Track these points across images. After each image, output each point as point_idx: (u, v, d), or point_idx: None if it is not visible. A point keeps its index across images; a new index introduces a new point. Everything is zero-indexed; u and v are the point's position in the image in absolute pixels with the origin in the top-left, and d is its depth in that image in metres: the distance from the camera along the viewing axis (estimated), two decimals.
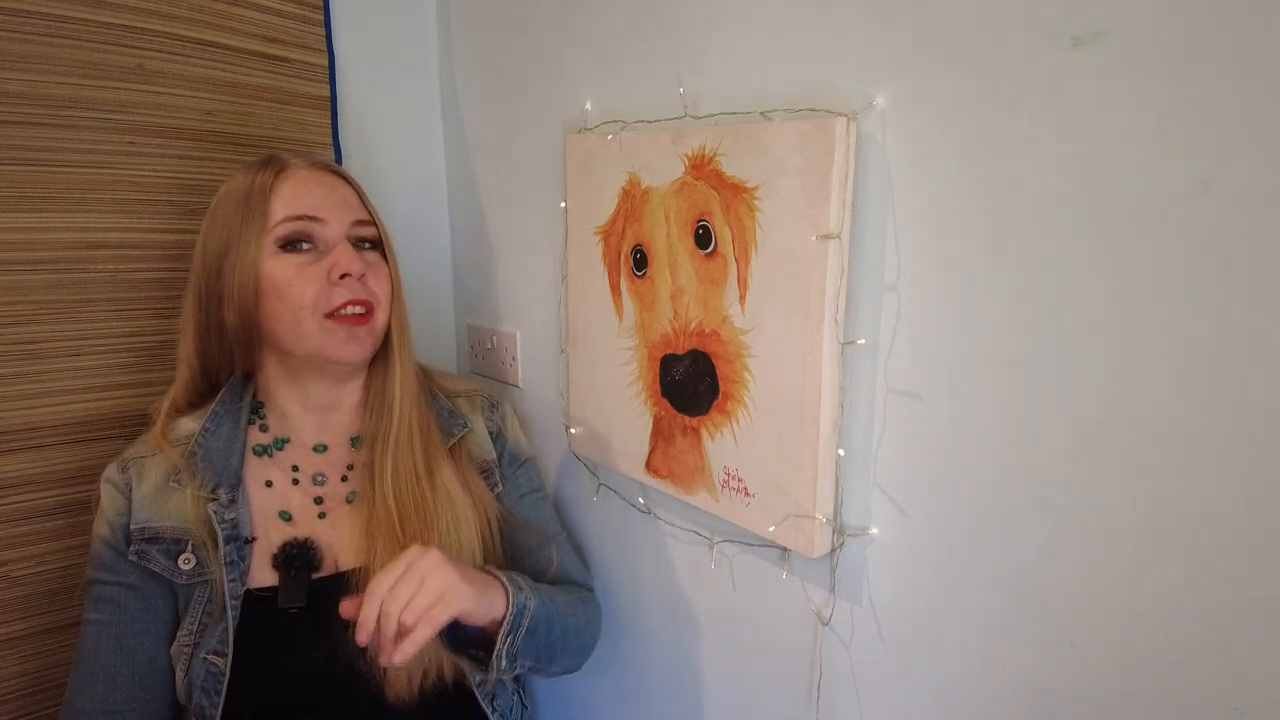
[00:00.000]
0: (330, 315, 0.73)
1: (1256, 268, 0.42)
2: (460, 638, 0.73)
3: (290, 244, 0.73)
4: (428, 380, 0.87)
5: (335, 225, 0.75)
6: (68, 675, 0.74)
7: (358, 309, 0.74)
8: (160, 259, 0.86)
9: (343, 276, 0.73)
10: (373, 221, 0.79)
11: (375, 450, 0.78)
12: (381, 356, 0.81)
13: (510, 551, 0.86)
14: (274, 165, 0.75)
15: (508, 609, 0.70)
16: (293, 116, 0.94)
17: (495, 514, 0.84)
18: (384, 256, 0.79)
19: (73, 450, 0.84)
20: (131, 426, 0.86)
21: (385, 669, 0.70)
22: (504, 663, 0.71)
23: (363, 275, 0.75)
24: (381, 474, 0.76)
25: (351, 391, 0.82)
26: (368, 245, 0.78)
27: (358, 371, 0.81)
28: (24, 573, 0.83)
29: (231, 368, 0.80)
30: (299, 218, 0.73)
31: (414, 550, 0.65)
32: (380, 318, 0.77)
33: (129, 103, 0.82)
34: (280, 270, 0.72)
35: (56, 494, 0.84)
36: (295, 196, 0.74)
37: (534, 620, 0.72)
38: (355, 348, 0.75)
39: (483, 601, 0.67)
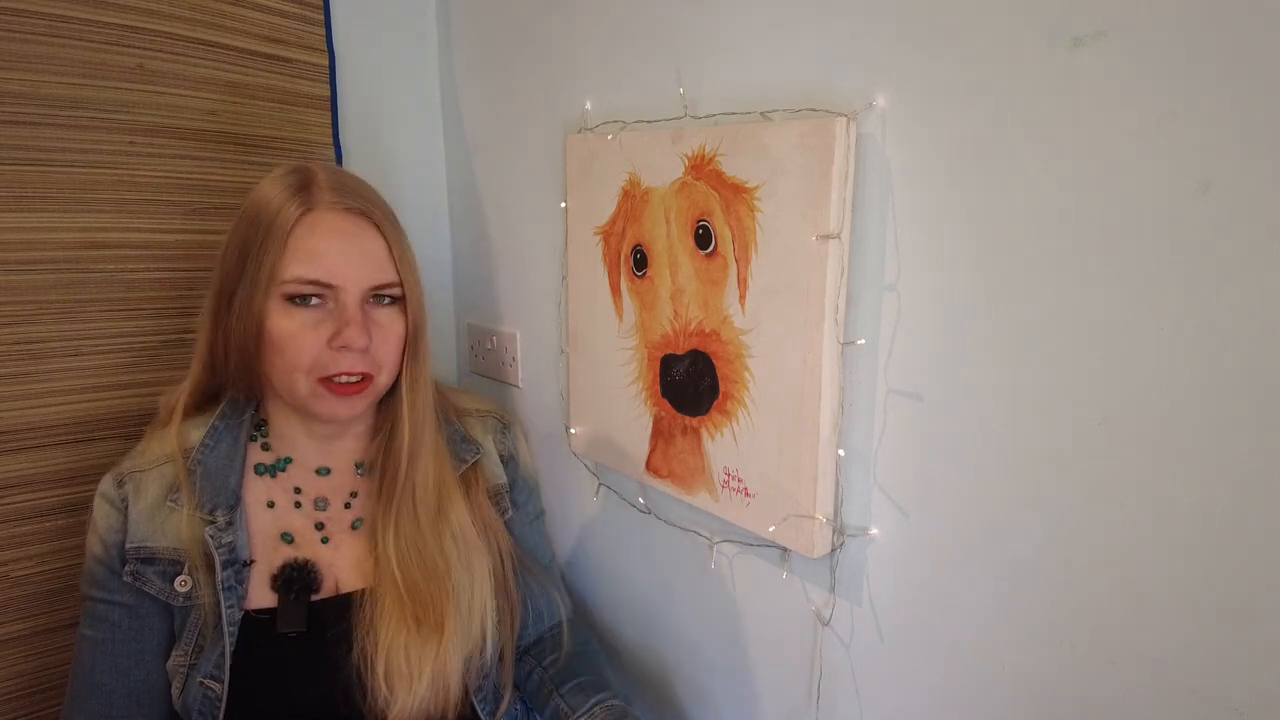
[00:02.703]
0: (323, 380, 0.71)
1: (1256, 268, 0.42)
2: None
3: (299, 298, 0.70)
4: (440, 400, 0.83)
5: (352, 289, 0.70)
6: (68, 675, 0.73)
7: (353, 378, 0.72)
8: (160, 259, 0.87)
9: (344, 347, 0.70)
10: (398, 282, 0.74)
11: (378, 513, 0.76)
12: (390, 403, 0.78)
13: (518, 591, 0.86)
14: (302, 200, 0.70)
15: None
16: (294, 116, 0.94)
17: (509, 549, 0.83)
18: (404, 311, 0.75)
19: (73, 450, 0.84)
20: (132, 426, 0.86)
21: (385, 702, 0.70)
22: None
23: (366, 347, 0.71)
24: (384, 540, 0.75)
25: (355, 422, 0.80)
26: (386, 300, 0.74)
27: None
28: (24, 573, 0.83)
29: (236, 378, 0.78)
30: (309, 281, 0.69)
31: None
32: (381, 381, 0.74)
33: (130, 103, 0.82)
34: (284, 325, 0.69)
35: (56, 494, 0.84)
36: (313, 252, 0.69)
37: None
38: (345, 410, 0.72)
39: None
